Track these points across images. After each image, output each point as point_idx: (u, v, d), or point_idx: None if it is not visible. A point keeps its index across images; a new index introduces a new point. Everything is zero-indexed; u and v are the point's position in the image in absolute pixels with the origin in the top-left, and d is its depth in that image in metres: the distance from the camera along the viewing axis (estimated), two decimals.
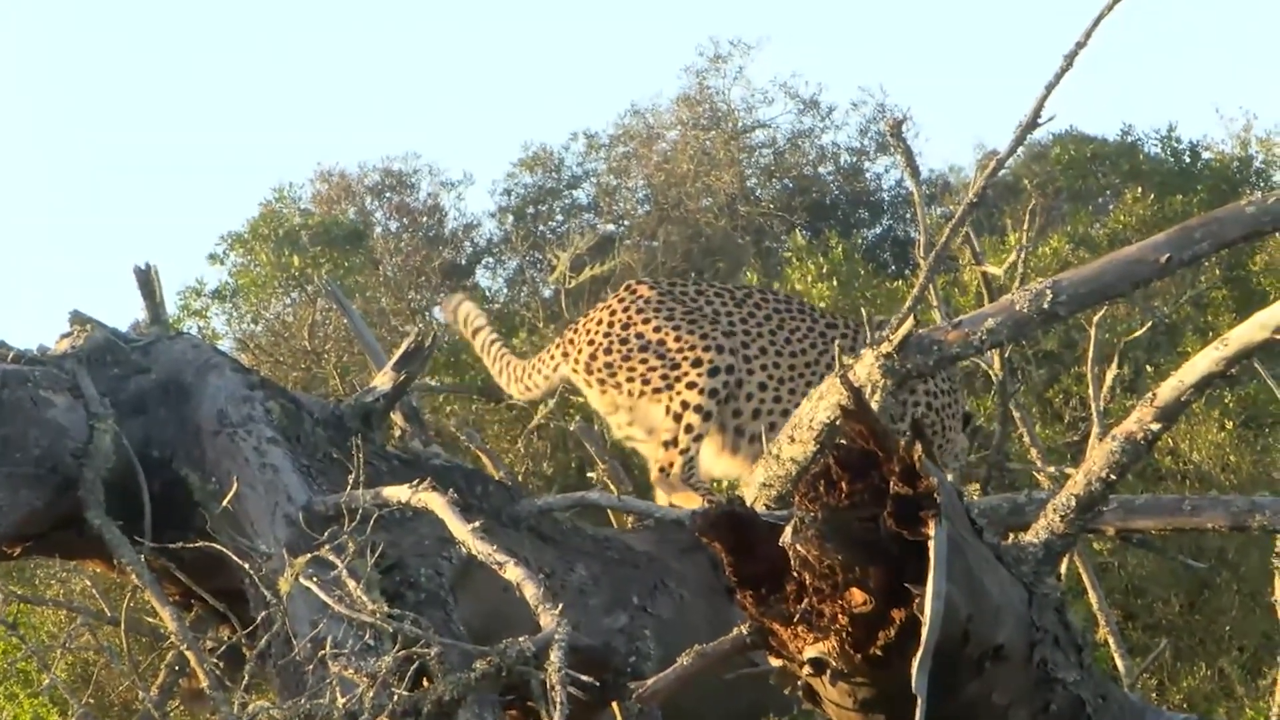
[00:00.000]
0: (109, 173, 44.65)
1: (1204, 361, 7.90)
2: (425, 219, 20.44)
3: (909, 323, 8.99)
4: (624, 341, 10.62)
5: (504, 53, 40.48)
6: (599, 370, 10.72)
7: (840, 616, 5.94)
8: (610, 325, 10.77)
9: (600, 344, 10.75)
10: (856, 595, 5.92)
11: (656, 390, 10.53)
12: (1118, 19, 8.55)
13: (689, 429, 10.33)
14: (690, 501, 9.91)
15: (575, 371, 11.06)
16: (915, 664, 5.72)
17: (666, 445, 10.35)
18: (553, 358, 11.29)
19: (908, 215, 18.89)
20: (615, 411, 10.86)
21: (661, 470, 10.39)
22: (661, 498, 10.30)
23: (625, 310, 10.83)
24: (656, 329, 10.60)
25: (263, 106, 42.32)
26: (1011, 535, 8.36)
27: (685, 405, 10.33)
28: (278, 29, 44.24)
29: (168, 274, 8.77)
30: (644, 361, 10.59)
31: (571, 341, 11.01)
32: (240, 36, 45.50)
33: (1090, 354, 9.46)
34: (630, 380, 10.56)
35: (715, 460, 10.73)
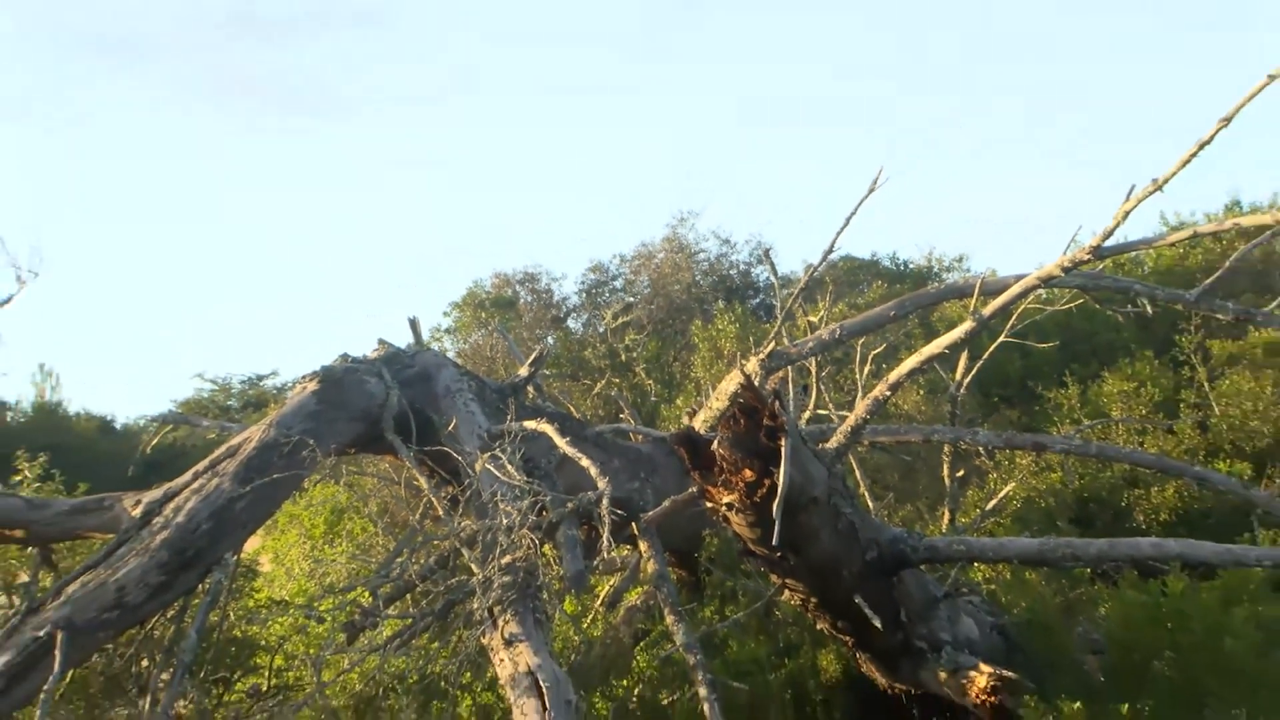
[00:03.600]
0: (397, 259, 43.97)
1: (911, 362, 7.95)
2: (544, 295, 20.56)
3: (771, 344, 9.03)
4: None
5: (578, 216, 40.51)
6: None
7: (740, 483, 6.00)
8: None
9: None
10: (747, 474, 5.97)
11: None
12: (880, 196, 8.51)
13: None
14: None
15: None
16: (775, 505, 5.77)
17: None
18: None
19: (771, 294, 18.93)
20: None
21: None
22: None
23: None
24: None
25: (468, 240, 42.23)
26: (820, 444, 8.37)
27: None
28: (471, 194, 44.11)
29: (424, 319, 8.86)
30: None
31: None
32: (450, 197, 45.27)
33: (857, 359, 9.43)
34: None
35: None
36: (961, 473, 9.92)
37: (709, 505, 6.26)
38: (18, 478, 7.93)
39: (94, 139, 47.38)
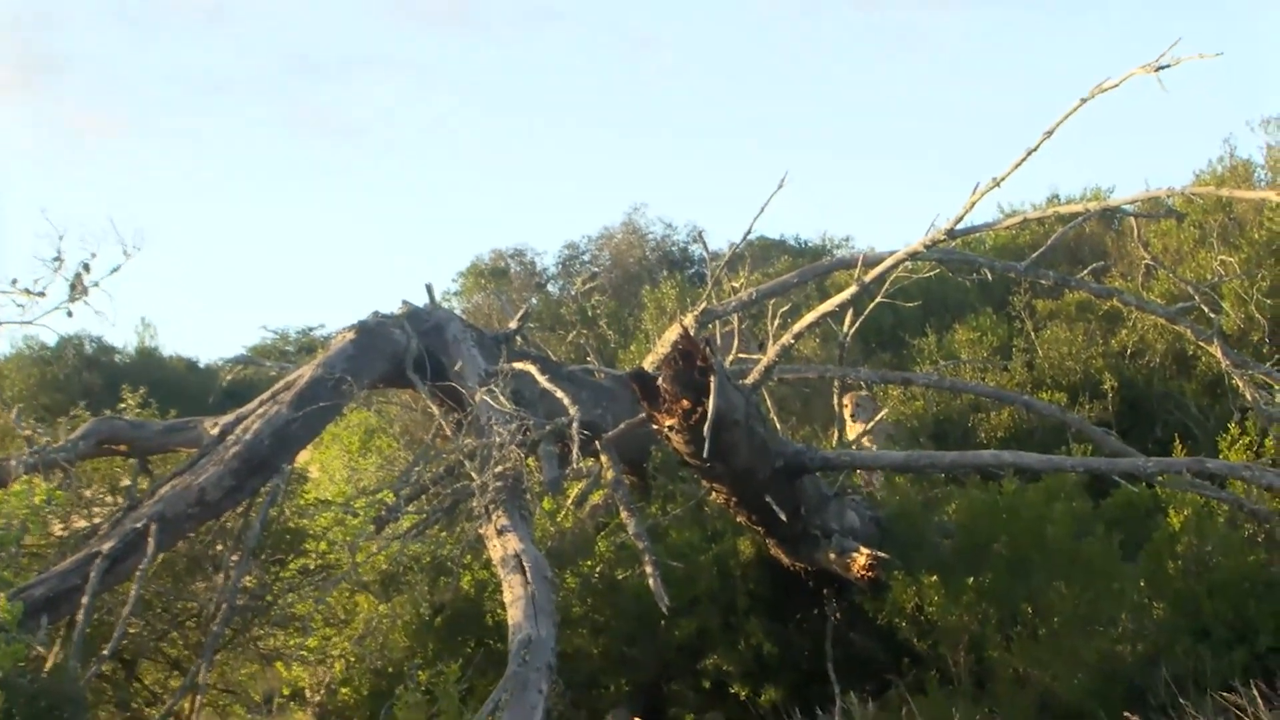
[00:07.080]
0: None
1: (809, 317, 7.84)
2: (529, 266, 20.32)
3: (703, 304, 8.91)
4: None
5: (557, 199, 39.84)
6: None
7: (679, 410, 5.91)
8: None
9: None
10: (685, 403, 5.88)
11: None
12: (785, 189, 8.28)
13: None
14: None
15: None
16: (706, 427, 5.69)
17: None
18: None
19: (704, 266, 18.66)
20: None
21: None
22: None
23: None
24: None
25: (471, 221, 41.27)
26: (740, 380, 8.22)
27: None
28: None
29: (436, 284, 8.53)
30: None
31: None
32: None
33: (769, 315, 9.23)
34: None
35: None
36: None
37: (655, 427, 6.16)
38: (123, 405, 7.77)
39: (186, 150, 46.27)
